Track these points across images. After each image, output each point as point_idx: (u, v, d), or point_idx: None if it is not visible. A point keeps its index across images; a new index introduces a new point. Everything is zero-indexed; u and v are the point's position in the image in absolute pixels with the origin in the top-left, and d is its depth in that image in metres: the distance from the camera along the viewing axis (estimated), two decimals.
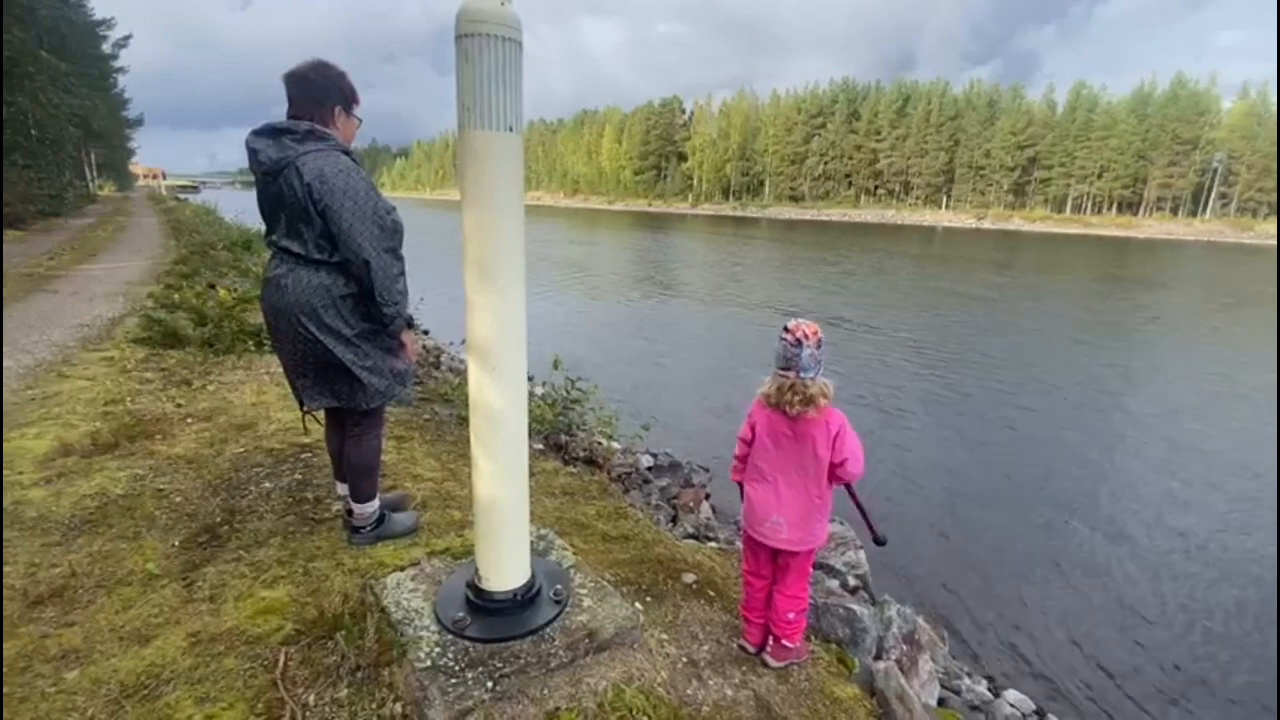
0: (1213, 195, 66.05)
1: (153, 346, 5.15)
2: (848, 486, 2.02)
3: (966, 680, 3.37)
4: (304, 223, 2.00)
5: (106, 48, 30.57)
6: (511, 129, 1.55)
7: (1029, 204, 75.74)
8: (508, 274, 1.65)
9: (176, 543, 2.38)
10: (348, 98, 2.16)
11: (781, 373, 1.89)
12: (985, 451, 7.42)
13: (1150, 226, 63.99)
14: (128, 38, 31.33)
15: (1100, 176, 70.65)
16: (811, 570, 2.23)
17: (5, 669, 1.72)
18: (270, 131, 2.02)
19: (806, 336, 1.84)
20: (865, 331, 13.60)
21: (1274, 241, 52.30)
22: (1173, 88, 67.87)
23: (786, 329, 1.89)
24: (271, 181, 2.01)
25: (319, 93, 2.09)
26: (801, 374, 1.85)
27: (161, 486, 2.81)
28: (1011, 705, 3.29)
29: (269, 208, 2.08)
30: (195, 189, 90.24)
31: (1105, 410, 8.98)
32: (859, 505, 2.06)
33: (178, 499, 2.72)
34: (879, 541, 2.06)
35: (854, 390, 9.30)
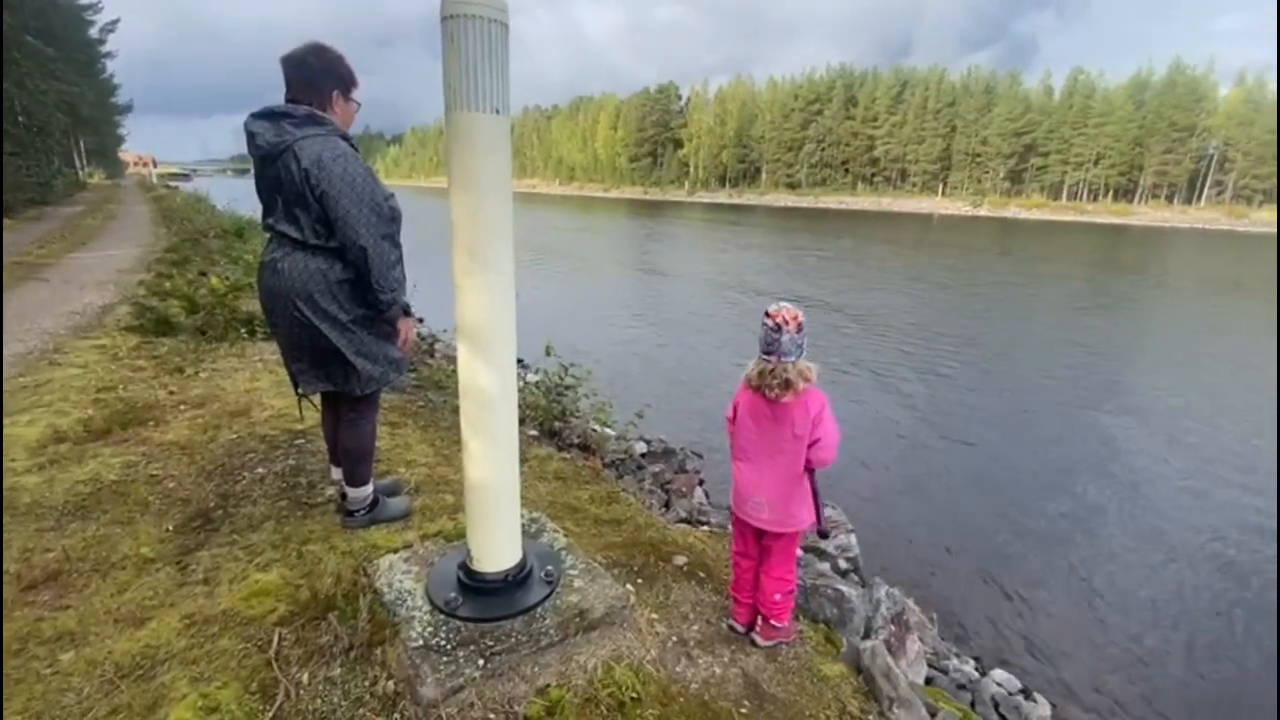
0: (1208, 182, 66.07)
1: (145, 334, 5.13)
2: (810, 474, 1.98)
3: (954, 660, 3.42)
4: (301, 207, 2.00)
5: (94, 32, 30.04)
6: (498, 111, 1.55)
7: (1026, 191, 75.60)
8: (496, 257, 1.65)
9: (170, 527, 2.40)
10: (346, 81, 2.15)
11: (764, 356, 1.92)
12: (975, 436, 7.47)
13: (1146, 214, 63.99)
14: (115, 22, 30.82)
15: (1097, 163, 70.51)
16: (799, 552, 2.26)
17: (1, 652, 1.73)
18: (269, 115, 2.01)
19: (786, 321, 1.86)
20: (859, 316, 13.63)
21: (1269, 229, 52.49)
22: (1170, 74, 67.58)
23: (768, 314, 1.91)
24: (269, 165, 2.01)
25: (317, 76, 2.08)
26: (783, 358, 1.88)
27: (155, 472, 2.82)
28: (998, 684, 3.34)
29: (266, 191, 2.08)
30: (187, 177, 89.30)
31: (1091, 396, 9.04)
32: (814, 494, 2.00)
33: (171, 485, 2.73)
34: (822, 534, 2.06)
35: (844, 372, 9.35)
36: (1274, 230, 49.68)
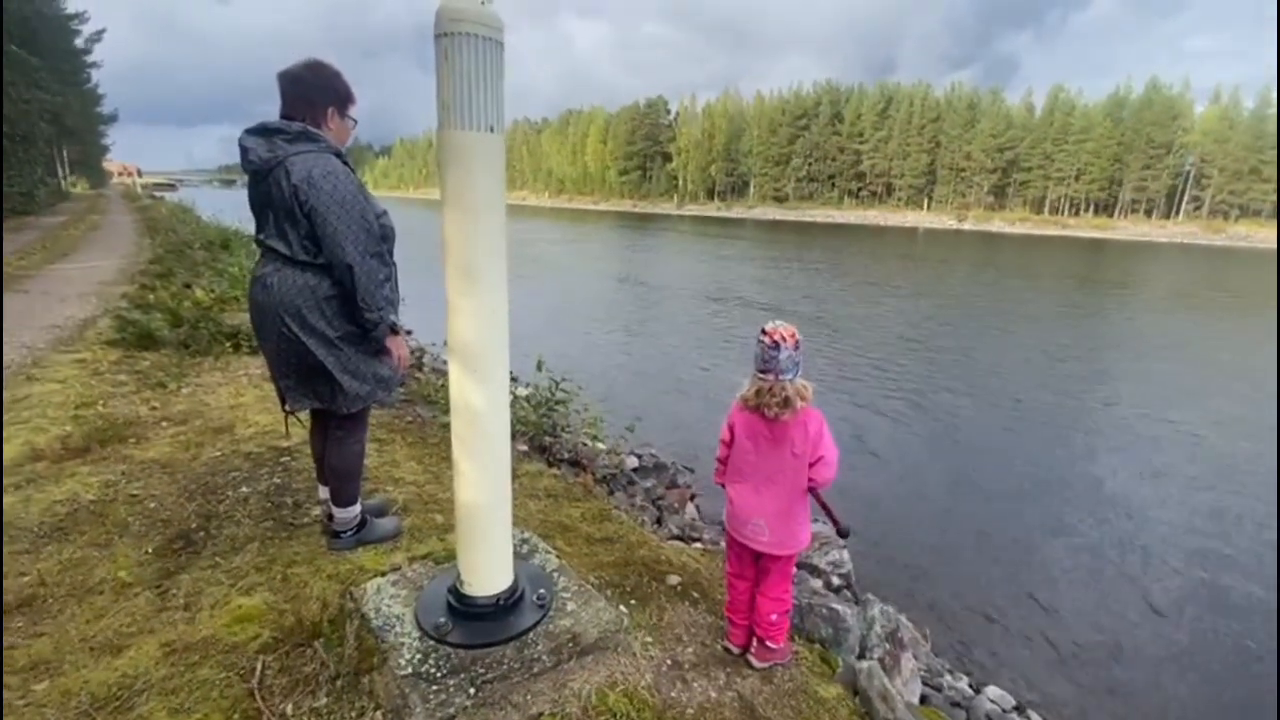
0: (1185, 198, 67.53)
1: (126, 348, 5.04)
2: (813, 493, 1.97)
3: (948, 677, 3.40)
4: (290, 223, 2.00)
5: (80, 42, 29.88)
6: (492, 129, 1.54)
7: (1009, 205, 76.85)
8: (489, 275, 1.63)
9: (150, 550, 2.33)
10: (342, 98, 2.15)
11: (760, 375, 1.90)
12: (963, 447, 7.51)
13: (1125, 228, 65.27)
14: (101, 32, 30.67)
15: (1078, 179, 71.88)
16: (794, 571, 2.23)
17: None
18: (262, 130, 2.01)
19: (784, 339, 1.85)
20: (845, 329, 13.71)
21: (1245, 244, 53.68)
22: (1147, 92, 69.26)
23: (764, 331, 1.89)
24: (261, 181, 2.00)
25: (312, 93, 2.08)
26: (780, 376, 1.86)
27: (135, 492, 2.75)
28: (992, 701, 3.32)
29: (258, 206, 2.08)
30: (172, 187, 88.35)
31: (1080, 408, 9.13)
32: (820, 500, 1.99)
33: (151, 505, 2.66)
34: (843, 533, 1.97)
35: (835, 385, 9.38)
36: (1250, 244, 50.86)
